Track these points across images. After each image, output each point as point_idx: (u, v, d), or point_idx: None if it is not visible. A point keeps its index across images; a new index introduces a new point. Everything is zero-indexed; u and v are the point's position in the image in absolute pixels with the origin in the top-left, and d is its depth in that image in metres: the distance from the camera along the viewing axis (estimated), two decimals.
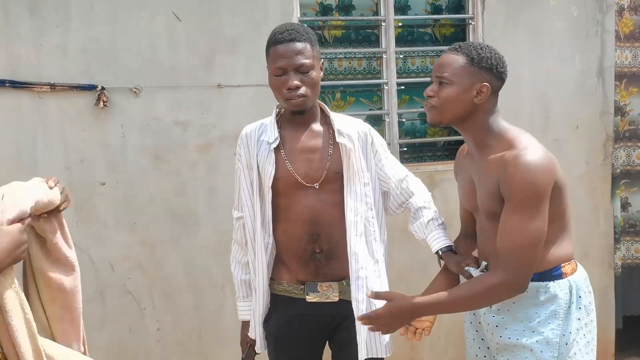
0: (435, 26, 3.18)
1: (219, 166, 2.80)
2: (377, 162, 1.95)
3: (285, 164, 1.85)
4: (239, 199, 1.97)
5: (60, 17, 2.57)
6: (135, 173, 2.70)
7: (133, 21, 2.67)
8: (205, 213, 2.82)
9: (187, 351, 2.87)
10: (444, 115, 1.68)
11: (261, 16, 2.77)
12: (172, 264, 2.82)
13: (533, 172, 1.54)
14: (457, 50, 1.67)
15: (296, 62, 1.77)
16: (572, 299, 1.66)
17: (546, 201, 1.57)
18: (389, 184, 1.96)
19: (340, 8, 3.06)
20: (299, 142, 1.86)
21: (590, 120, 3.20)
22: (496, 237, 1.65)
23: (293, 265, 1.89)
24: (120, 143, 2.69)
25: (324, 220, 1.84)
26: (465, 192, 1.80)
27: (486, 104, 1.66)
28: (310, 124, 1.88)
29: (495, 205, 1.63)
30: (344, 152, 1.85)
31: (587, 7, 3.13)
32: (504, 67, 1.67)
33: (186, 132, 2.76)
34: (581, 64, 3.16)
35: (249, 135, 1.92)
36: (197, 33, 2.73)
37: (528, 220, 1.55)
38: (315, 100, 1.86)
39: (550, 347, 1.62)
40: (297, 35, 1.78)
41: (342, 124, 1.89)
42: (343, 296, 1.87)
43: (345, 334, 1.89)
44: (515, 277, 1.57)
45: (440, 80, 1.66)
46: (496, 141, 1.66)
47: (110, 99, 2.65)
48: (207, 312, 2.87)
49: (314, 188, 1.84)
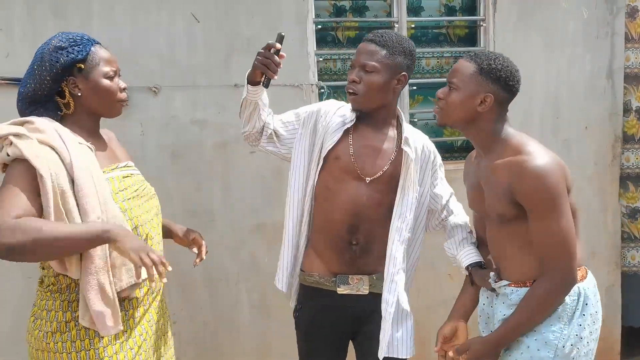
0: (449, 27, 3.22)
1: (234, 164, 2.86)
2: (434, 181, 2.00)
3: (349, 148, 1.90)
4: (283, 117, 2.02)
5: (83, 17, 2.63)
6: (154, 170, 2.75)
7: (152, 22, 2.73)
8: (220, 210, 2.88)
9: (201, 344, 2.93)
10: (448, 119, 1.75)
11: (277, 17, 2.83)
12: (188, 259, 2.87)
13: (543, 176, 1.57)
14: (471, 58, 1.72)
15: (361, 60, 1.86)
16: (578, 305, 1.68)
17: (565, 197, 1.61)
18: (437, 203, 2.01)
19: (354, 9, 3.11)
20: (367, 137, 1.93)
21: (600, 121, 3.23)
22: (505, 240, 1.71)
23: (327, 255, 1.93)
24: (139, 141, 2.75)
25: (366, 215, 1.89)
26: (473, 197, 1.84)
27: (490, 113, 1.69)
28: (381, 126, 1.94)
29: (505, 208, 1.66)
30: (405, 161, 1.89)
31: (598, 10, 3.16)
32: (514, 80, 1.69)
33: (203, 130, 2.82)
34: (591, 66, 3.19)
35: (331, 105, 2.00)
36: (214, 34, 2.79)
37: (556, 222, 1.59)
38: (373, 103, 1.89)
39: (548, 347, 1.65)
40: (377, 39, 1.86)
41: (411, 135, 1.94)
42: (373, 289, 1.92)
43: (372, 327, 1.93)
44: (564, 275, 1.62)
45: (450, 85, 1.72)
46: (502, 147, 1.70)
47: (130, 98, 2.72)
48: (222, 306, 2.94)
49: (365, 182, 1.90)
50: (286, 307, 2.91)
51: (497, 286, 1.76)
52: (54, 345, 1.50)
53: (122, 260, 1.51)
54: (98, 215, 1.46)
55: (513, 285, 1.72)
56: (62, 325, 1.51)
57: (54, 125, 1.52)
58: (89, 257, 1.46)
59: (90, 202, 1.46)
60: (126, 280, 1.54)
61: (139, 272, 1.44)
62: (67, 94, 1.57)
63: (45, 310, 1.54)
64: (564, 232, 1.60)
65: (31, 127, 1.49)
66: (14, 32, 2.60)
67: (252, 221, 2.90)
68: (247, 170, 2.87)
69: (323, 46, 3.03)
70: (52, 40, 1.57)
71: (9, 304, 2.60)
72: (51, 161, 1.44)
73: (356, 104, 1.89)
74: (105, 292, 1.48)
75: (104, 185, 1.52)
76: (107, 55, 1.62)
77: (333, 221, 1.90)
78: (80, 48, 1.55)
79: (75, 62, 1.55)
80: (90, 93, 1.58)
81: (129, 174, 1.67)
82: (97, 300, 1.47)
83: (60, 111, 1.58)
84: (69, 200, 1.44)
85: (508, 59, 1.72)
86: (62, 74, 1.54)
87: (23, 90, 1.56)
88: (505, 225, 1.70)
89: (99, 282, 1.47)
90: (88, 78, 1.57)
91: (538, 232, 1.62)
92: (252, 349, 2.99)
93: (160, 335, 1.74)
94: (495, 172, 1.68)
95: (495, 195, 1.68)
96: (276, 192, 2.89)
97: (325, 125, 1.94)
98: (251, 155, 2.85)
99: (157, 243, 1.74)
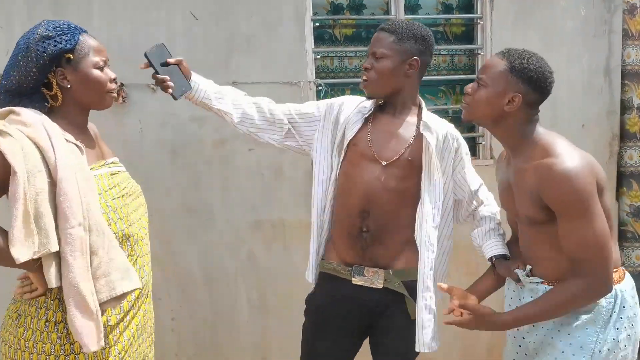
0: (446, 25, 3.23)
1: (233, 161, 2.87)
2: (460, 170, 2.00)
3: (367, 135, 1.94)
4: (304, 106, 2.06)
5: (83, 16, 2.65)
6: (152, 167, 2.77)
7: (152, 20, 2.75)
8: (219, 207, 2.89)
9: (200, 341, 2.94)
10: (473, 115, 1.71)
11: (275, 16, 2.84)
12: (187, 256, 2.90)
13: (572, 180, 1.51)
14: (503, 55, 1.67)
15: (372, 48, 1.91)
16: (615, 308, 1.63)
17: (596, 199, 1.54)
18: (464, 192, 2.00)
19: (352, 7, 3.12)
20: (385, 123, 1.97)
21: (597, 119, 3.24)
22: (536, 240, 1.66)
23: (341, 244, 1.96)
24: (138, 138, 2.77)
25: (377, 199, 1.90)
26: (504, 197, 1.80)
27: (518, 114, 1.64)
28: (400, 112, 1.97)
29: (535, 212, 1.61)
30: (426, 146, 1.90)
31: (595, 8, 3.17)
32: (546, 82, 1.64)
33: (202, 128, 2.83)
34: (589, 64, 3.20)
35: (353, 99, 2.05)
36: (213, 32, 2.81)
37: (588, 226, 1.54)
38: (385, 89, 1.93)
39: (583, 352, 1.60)
40: (387, 26, 1.92)
41: (431, 120, 1.96)
42: (388, 284, 1.92)
43: (387, 323, 1.94)
44: (599, 278, 1.56)
45: (479, 81, 1.67)
46: (530, 148, 1.64)
47: (129, 95, 2.73)
48: (221, 303, 2.95)
49: (381, 165, 1.91)
50: (285, 305, 2.94)
51: (528, 281, 1.72)
52: (42, 347, 1.43)
53: (103, 271, 1.42)
54: (79, 222, 1.37)
55: (546, 283, 1.69)
56: (51, 325, 1.45)
57: (41, 118, 1.43)
58: (68, 266, 1.36)
59: (72, 207, 1.36)
60: (106, 293, 1.42)
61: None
62: (54, 85, 1.47)
63: (35, 307, 1.46)
64: (598, 235, 1.54)
65: (16, 118, 1.40)
66: (14, 30, 2.61)
67: (250, 218, 2.92)
68: (245, 168, 2.89)
69: (320, 44, 3.04)
70: (37, 29, 1.47)
71: None
72: (30, 159, 1.34)
73: (368, 90, 1.95)
74: (87, 304, 1.37)
75: (90, 189, 1.43)
76: (96, 44, 1.54)
77: (347, 206, 1.93)
78: (68, 37, 1.47)
79: (63, 52, 1.46)
80: (79, 85, 1.49)
81: (116, 171, 1.60)
82: (78, 314, 1.37)
83: (47, 102, 1.49)
84: (41, 204, 1.34)
85: (542, 59, 1.67)
86: (49, 65, 1.45)
87: (6, 83, 1.46)
88: (536, 227, 1.65)
89: (79, 294, 1.36)
90: (77, 69, 1.49)
91: (569, 236, 1.56)
92: (251, 346, 3.00)
93: (145, 339, 1.67)
94: (523, 175, 1.64)
95: (524, 198, 1.64)
96: (275, 190, 2.91)
97: (346, 117, 1.98)
98: (250, 153, 2.86)
99: (146, 244, 1.66)
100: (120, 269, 1.45)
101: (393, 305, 1.93)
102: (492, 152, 3.14)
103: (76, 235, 1.36)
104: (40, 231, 1.33)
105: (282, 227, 2.93)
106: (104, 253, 1.42)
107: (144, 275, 1.63)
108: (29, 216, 1.32)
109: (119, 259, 1.46)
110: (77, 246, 1.36)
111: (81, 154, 1.47)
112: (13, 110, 1.43)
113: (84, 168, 1.45)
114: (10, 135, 1.35)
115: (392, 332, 1.94)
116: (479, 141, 3.20)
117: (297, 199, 2.91)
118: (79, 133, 1.54)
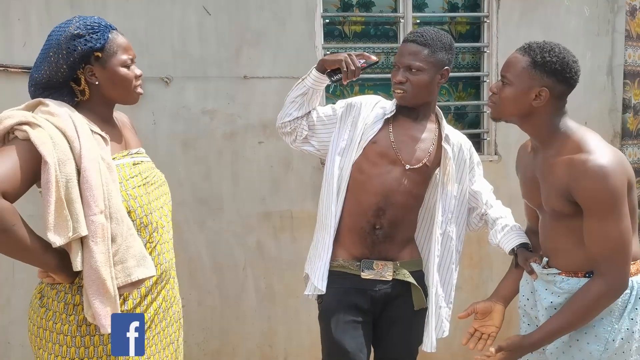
0: (452, 23, 3.29)
1: (243, 154, 2.94)
2: (471, 178, 2.07)
3: (388, 135, 1.98)
4: (319, 110, 2.07)
5: (98, 9, 2.70)
6: (165, 159, 2.81)
7: (165, 14, 2.80)
8: (229, 198, 2.96)
9: (208, 328, 3.02)
10: (502, 114, 1.69)
11: (286, 11, 2.90)
12: (197, 245, 2.97)
13: (606, 178, 1.51)
14: (525, 50, 1.64)
15: (405, 62, 1.92)
16: (631, 299, 1.62)
17: (625, 200, 1.55)
18: (478, 200, 2.06)
19: (361, 5, 3.18)
20: (407, 127, 2.01)
21: (599, 117, 3.29)
22: (558, 232, 1.66)
23: (350, 239, 1.98)
24: (151, 130, 2.83)
25: (395, 201, 1.95)
26: (527, 189, 1.79)
27: (547, 107, 1.62)
28: (421, 121, 2.02)
29: (562, 205, 1.61)
30: (444, 157, 1.98)
31: (599, 8, 3.22)
32: (571, 72, 1.61)
33: (213, 120, 2.90)
34: (592, 62, 3.25)
35: (371, 99, 2.07)
36: (225, 27, 2.86)
37: (614, 224, 1.54)
38: (420, 100, 1.97)
39: (598, 341, 1.61)
40: (418, 38, 1.92)
41: (450, 132, 2.02)
42: (396, 276, 1.98)
43: (394, 313, 2.00)
44: (618, 279, 1.57)
45: (503, 79, 1.66)
46: (561, 142, 1.63)
47: (143, 88, 2.77)
48: (229, 291, 3.02)
49: (404, 168, 1.97)
50: (291, 293, 3.01)
51: (545, 273, 1.72)
52: (60, 327, 1.50)
53: (120, 257, 1.47)
54: (101, 209, 1.42)
55: (564, 274, 1.68)
56: (70, 308, 1.51)
57: (68, 110, 1.49)
58: (90, 252, 1.41)
59: (94, 195, 1.41)
60: (122, 279, 1.47)
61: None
62: (83, 81, 1.53)
63: (56, 290, 1.53)
64: (623, 235, 1.55)
65: (45, 109, 1.46)
66: (31, 22, 2.67)
67: (259, 209, 2.98)
68: (255, 160, 2.95)
69: (330, 40, 3.10)
70: (68, 26, 1.51)
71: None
72: (59, 148, 1.39)
73: (405, 102, 1.96)
74: (107, 288, 1.43)
75: (112, 179, 1.48)
76: (124, 43, 1.59)
77: (362, 203, 1.96)
78: (98, 36, 1.51)
79: (93, 50, 1.51)
80: (107, 82, 1.55)
81: (139, 161, 1.64)
82: (97, 297, 1.42)
83: (75, 97, 1.55)
84: (72, 190, 1.39)
85: (565, 49, 1.63)
86: (79, 62, 1.51)
87: (37, 76, 1.52)
88: (560, 219, 1.65)
89: (100, 278, 1.42)
90: (105, 67, 1.54)
91: (594, 232, 1.56)
92: (258, 333, 3.07)
93: (172, 323, 1.73)
94: (553, 168, 1.62)
95: (552, 191, 1.63)
96: (283, 182, 2.98)
97: (365, 117, 2.01)
98: (259, 146, 2.93)
99: (167, 232, 1.71)
100: (136, 256, 1.50)
101: (400, 296, 1.99)
102: (497, 148, 3.21)
103: (98, 223, 1.42)
104: (72, 216, 1.39)
105: (290, 219, 3.00)
106: (122, 240, 1.48)
107: (164, 262, 1.69)
108: (62, 202, 1.37)
109: (136, 246, 1.51)
110: (99, 233, 1.42)
111: (106, 145, 1.54)
112: (42, 102, 1.49)
113: (107, 158, 1.50)
114: (39, 126, 1.40)
115: (398, 322, 1.99)
116: (484, 137, 3.26)
117: (305, 191, 2.98)
118: (105, 124, 1.60)
